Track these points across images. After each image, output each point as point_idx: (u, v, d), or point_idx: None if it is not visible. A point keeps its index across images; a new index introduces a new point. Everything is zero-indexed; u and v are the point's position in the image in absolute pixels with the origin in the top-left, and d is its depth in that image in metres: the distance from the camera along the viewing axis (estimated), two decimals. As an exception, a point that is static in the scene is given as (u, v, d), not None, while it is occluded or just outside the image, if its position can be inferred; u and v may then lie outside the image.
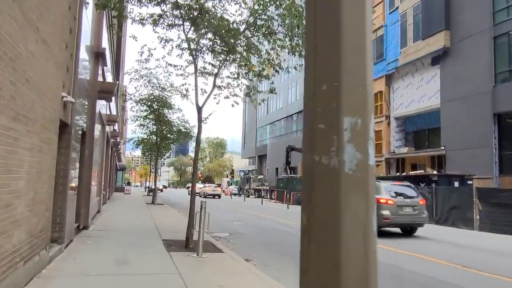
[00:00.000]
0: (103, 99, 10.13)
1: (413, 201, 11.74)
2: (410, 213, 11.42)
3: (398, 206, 11.22)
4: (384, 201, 11.21)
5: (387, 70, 27.77)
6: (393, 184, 12.97)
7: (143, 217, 13.34)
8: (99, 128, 12.01)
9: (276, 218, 16.07)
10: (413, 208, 11.53)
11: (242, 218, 15.89)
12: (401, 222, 11.37)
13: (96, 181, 12.95)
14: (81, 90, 7.58)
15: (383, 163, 27.50)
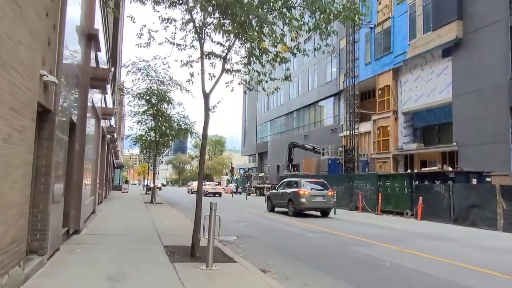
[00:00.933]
0: (96, 88, 9.06)
1: (323, 192, 16.43)
2: (320, 201, 16.16)
3: (311, 196, 15.87)
4: (302, 192, 15.93)
5: (394, 64, 26.73)
6: (310, 181, 17.77)
7: (142, 218, 12.30)
8: (92, 121, 10.94)
9: (283, 219, 15.05)
10: (323, 197, 16.24)
11: (247, 218, 14.87)
12: (314, 206, 16.12)
13: (90, 179, 11.90)
14: (69, 74, 6.52)
15: (390, 159, 26.51)
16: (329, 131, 35.71)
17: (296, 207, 15.90)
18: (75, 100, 7.39)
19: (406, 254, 7.63)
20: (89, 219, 11.24)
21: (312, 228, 11.98)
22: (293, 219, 14.63)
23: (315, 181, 18.06)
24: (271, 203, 18.72)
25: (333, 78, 35.83)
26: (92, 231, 8.84)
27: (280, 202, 17.61)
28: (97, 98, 12.00)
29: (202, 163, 6.63)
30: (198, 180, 6.66)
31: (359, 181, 21.86)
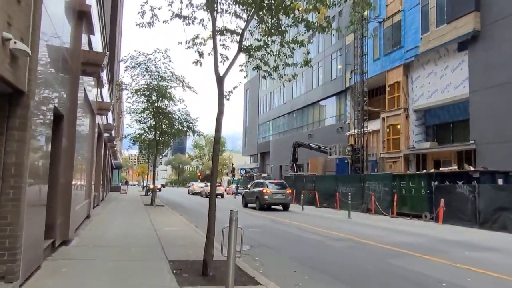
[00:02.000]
0: (89, 75, 7.85)
1: (282, 191, 20.24)
2: (280, 197, 19.91)
3: (273, 193, 19.64)
4: (265, 191, 19.75)
5: (405, 59, 25.57)
6: (272, 182, 21.70)
7: (142, 224, 11.09)
8: (85, 114, 9.74)
9: (295, 222, 13.86)
10: (282, 194, 19.99)
11: (257, 223, 13.66)
12: (274, 202, 19.83)
13: (84, 181, 10.70)
14: (53, 54, 5.32)
15: (401, 159, 25.34)
16: (335, 130, 34.53)
17: (261, 202, 19.82)
18: (62, 86, 6.18)
19: (460, 270, 6.41)
20: (82, 225, 10.03)
21: (331, 234, 10.78)
22: (312, 225, 13.42)
23: (276, 182, 22.56)
24: (245, 200, 22.63)
25: (339, 75, 34.66)
26: (84, 241, 7.62)
27: (250, 199, 21.38)
28: (92, 91, 10.80)
29: (215, 162, 5.43)
30: (212, 182, 5.46)
31: (371, 181, 20.68)
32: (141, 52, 19.23)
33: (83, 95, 8.21)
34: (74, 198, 7.52)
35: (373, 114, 28.26)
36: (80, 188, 9.67)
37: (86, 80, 8.70)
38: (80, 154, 8.84)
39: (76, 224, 8.42)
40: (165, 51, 19.21)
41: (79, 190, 9.34)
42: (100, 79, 11.92)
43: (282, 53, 7.74)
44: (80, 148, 8.59)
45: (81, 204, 9.51)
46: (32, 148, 4.22)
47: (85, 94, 8.74)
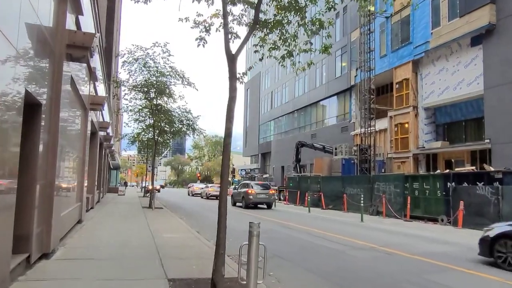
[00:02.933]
0: (77, 60, 6.81)
1: (266, 191, 22.10)
2: (263, 197, 21.73)
3: (257, 193, 21.41)
4: (250, 191, 21.63)
5: (414, 55, 24.56)
6: (257, 183, 24.17)
7: (138, 230, 10.03)
8: (75, 108, 8.70)
9: (304, 227, 12.82)
10: (265, 194, 21.84)
11: (264, 228, 12.57)
12: (259, 201, 21.65)
13: (75, 182, 9.65)
14: (26, 29, 4.28)
15: (410, 159, 24.31)
16: (339, 130, 33.51)
17: (246, 202, 21.75)
18: (40, 70, 5.14)
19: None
20: (72, 231, 8.98)
21: (348, 241, 9.74)
22: (325, 230, 12.38)
23: (261, 183, 24.86)
24: (233, 199, 24.33)
25: (343, 73, 33.65)
26: (70, 253, 6.57)
27: (238, 198, 23.25)
28: (84, 84, 9.76)
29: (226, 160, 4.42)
30: (222, 184, 4.43)
31: (381, 182, 19.65)
32: (139, 46, 18.19)
33: (70, 84, 7.16)
34: (58, 202, 6.47)
35: (380, 112, 27.25)
36: (69, 190, 8.62)
37: (75, 68, 7.66)
38: (67, 152, 7.79)
39: (62, 232, 7.37)
40: (165, 45, 18.20)
41: (67, 193, 8.29)
42: (93, 72, 10.90)
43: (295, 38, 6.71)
44: (67, 145, 7.54)
45: (69, 208, 8.45)
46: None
47: (74, 84, 7.69)
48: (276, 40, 5.90)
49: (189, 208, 21.74)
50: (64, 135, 6.82)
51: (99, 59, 14.96)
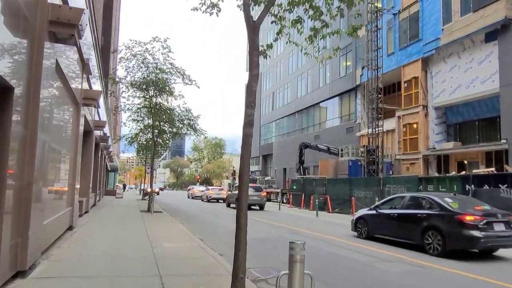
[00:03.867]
0: (62, 42, 5.82)
1: (258, 193, 23.32)
2: (256, 199, 22.75)
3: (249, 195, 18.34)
4: None
5: (423, 52, 23.63)
6: (250, 186, 20.73)
7: (136, 238, 9.01)
8: (63, 100, 7.70)
9: (317, 233, 11.81)
10: (257, 196, 23.04)
11: (272, 235, 11.60)
12: (251, 203, 21.52)
13: (65, 185, 8.64)
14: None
15: (420, 160, 23.34)
16: (344, 130, 32.54)
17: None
18: (13, 48, 4.15)
19: None
20: (60, 240, 7.97)
21: (371, 251, 8.73)
22: (337, 236, 11.37)
23: (254, 185, 25.28)
24: (228, 201, 25.93)
25: (348, 72, 32.72)
26: (52, 268, 5.55)
27: (232, 200, 24.25)
28: (75, 75, 8.77)
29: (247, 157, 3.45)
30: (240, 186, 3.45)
31: (392, 185, 18.68)
32: (137, 41, 17.21)
33: (56, 69, 6.16)
34: (39, 208, 5.47)
35: (386, 113, 26.29)
36: (56, 193, 7.61)
37: (61, 51, 6.67)
38: (53, 150, 6.78)
39: (45, 243, 6.36)
40: (165, 40, 17.23)
41: (54, 196, 7.29)
42: (87, 63, 9.90)
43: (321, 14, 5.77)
44: (52, 142, 6.54)
45: (57, 214, 7.44)
46: None
47: (60, 71, 6.69)
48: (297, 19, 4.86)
49: (190, 212, 20.72)
50: (47, 130, 5.82)
51: (94, 56, 13.99)
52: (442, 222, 8.49)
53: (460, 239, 8.08)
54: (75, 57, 8.60)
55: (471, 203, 9.50)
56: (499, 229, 8.22)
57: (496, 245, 8.44)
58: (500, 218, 8.48)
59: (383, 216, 10.36)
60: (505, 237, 8.25)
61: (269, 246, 9.34)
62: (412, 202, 9.88)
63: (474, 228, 7.94)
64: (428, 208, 9.17)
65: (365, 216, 11.07)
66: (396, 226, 9.84)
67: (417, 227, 8.99)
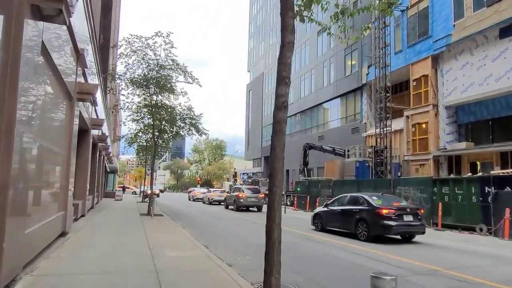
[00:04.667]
0: (48, 20, 4.99)
1: (255, 195, 23.44)
2: (253, 200, 23.19)
3: (247, 197, 23.00)
4: (241, 195, 23.03)
5: (434, 50, 22.82)
6: (248, 187, 25.13)
7: (135, 245, 8.16)
8: (54, 91, 6.87)
9: (332, 240, 10.95)
10: (255, 198, 23.20)
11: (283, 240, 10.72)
12: (249, 204, 23.12)
13: (54, 186, 7.80)
14: None
15: (430, 161, 22.49)
16: (349, 131, 31.71)
17: (237, 205, 23.08)
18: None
19: None
20: (50, 248, 7.12)
21: (398, 261, 7.88)
22: (354, 243, 10.52)
23: (251, 187, 25.92)
24: (226, 202, 25.82)
25: (353, 71, 31.91)
26: (34, 286, 4.69)
27: (230, 202, 24.64)
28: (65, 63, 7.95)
29: (280, 147, 2.85)
30: (271, 188, 2.69)
31: (404, 187, 17.86)
32: (138, 36, 16.39)
33: (41, 52, 5.33)
34: (19, 214, 4.62)
35: (395, 112, 25.49)
36: (44, 197, 6.77)
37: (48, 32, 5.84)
38: (40, 147, 5.94)
39: (28, 255, 5.51)
40: (167, 35, 16.43)
41: (41, 200, 6.44)
42: (81, 54, 9.09)
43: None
44: (38, 138, 5.70)
45: (44, 220, 6.59)
46: None
47: (47, 54, 5.86)
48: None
49: (191, 215, 19.85)
50: (30, 122, 4.97)
51: (92, 51, 13.19)
52: (368, 215, 10.95)
53: (379, 227, 10.59)
54: (68, 45, 7.79)
55: (392, 200, 11.84)
56: (408, 219, 10.81)
57: (405, 232, 10.95)
58: (409, 211, 10.99)
59: (332, 212, 12.73)
60: (413, 225, 10.88)
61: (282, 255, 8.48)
62: (351, 200, 12.26)
63: (389, 219, 10.50)
64: (360, 204, 11.61)
65: (320, 212, 13.49)
66: (339, 219, 12.30)
67: (352, 219, 11.46)
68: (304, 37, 41.41)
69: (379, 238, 10.66)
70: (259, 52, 58.02)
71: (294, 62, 43.77)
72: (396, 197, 13.44)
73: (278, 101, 2.71)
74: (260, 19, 58.64)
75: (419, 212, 11.17)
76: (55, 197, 7.93)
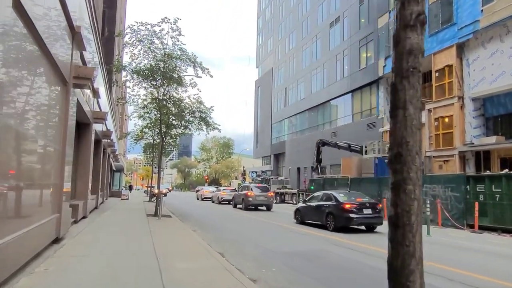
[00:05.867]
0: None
1: (265, 193, 22.71)
2: (262, 199, 22.38)
3: (256, 196, 22.28)
4: (250, 193, 22.46)
5: (459, 38, 21.29)
6: (256, 186, 24.40)
7: (139, 256, 6.94)
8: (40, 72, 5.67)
9: (362, 244, 9.64)
10: (264, 196, 22.45)
11: (309, 247, 9.47)
12: (257, 203, 22.34)
13: (42, 185, 6.61)
14: None
15: (455, 157, 21.00)
16: (365, 126, 30.26)
17: (245, 204, 22.43)
18: None
19: None
20: (38, 259, 5.94)
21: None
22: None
23: (260, 185, 25.06)
24: (234, 202, 25.11)
25: (369, 63, 30.42)
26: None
27: (238, 200, 23.90)
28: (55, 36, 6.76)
29: (413, 85, 1.32)
30: (397, 183, 1.40)
31: (430, 185, 16.44)
32: (143, 23, 15.18)
33: (16, 12, 4.10)
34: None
35: (415, 105, 23.98)
36: (29, 198, 5.57)
37: None
38: (21, 135, 4.73)
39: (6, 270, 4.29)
40: (175, 22, 15.21)
41: (24, 202, 5.24)
42: (77, 31, 7.89)
43: None
44: (18, 123, 4.48)
45: (29, 227, 5.39)
46: None
47: (30, 24, 4.63)
48: None
49: (201, 216, 18.64)
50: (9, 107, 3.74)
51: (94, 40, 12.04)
52: (334, 209, 12.73)
53: (342, 219, 12.33)
54: (59, 19, 6.58)
55: (356, 196, 13.59)
56: (367, 212, 12.48)
57: (364, 223, 12.72)
58: (368, 206, 12.65)
59: (309, 207, 14.54)
60: (371, 217, 12.55)
61: (300, 263, 7.19)
62: (324, 197, 14.01)
63: (350, 212, 12.20)
64: (330, 200, 13.35)
65: (300, 208, 15.33)
66: (314, 213, 14.04)
67: (323, 213, 13.23)
68: (315, 30, 39.95)
69: (346, 229, 12.39)
70: (268, 48, 56.66)
71: (306, 56, 42.35)
72: (361, 194, 14.64)
73: (406, 14, 1.48)
74: (268, 13, 57.23)
75: (377, 206, 12.92)
76: (45, 198, 6.74)
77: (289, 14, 48.07)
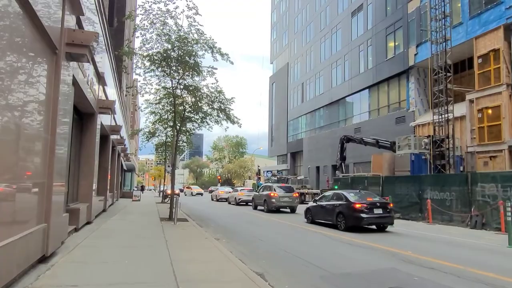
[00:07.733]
0: None
1: (289, 194, 21.04)
2: (287, 201, 20.73)
3: (280, 197, 20.64)
4: (273, 194, 20.69)
5: (506, 18, 18.94)
6: (280, 186, 22.75)
7: (151, 274, 4.98)
8: (23, 37, 3.72)
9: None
10: (289, 197, 20.84)
11: (375, 266, 7.41)
12: (281, 205, 20.68)
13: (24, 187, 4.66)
14: None
15: (504, 153, 18.66)
16: (393, 121, 27.96)
17: (268, 206, 20.59)
18: None
19: None
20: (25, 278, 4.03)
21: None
22: (464, 266, 7.09)
23: (284, 185, 23.31)
24: (254, 203, 23.25)
25: (397, 52, 28.08)
26: None
27: (259, 202, 22.23)
28: None
29: None
30: None
31: (487, 184, 14.16)
32: (156, 1, 13.27)
33: None
34: None
35: (453, 97, 21.64)
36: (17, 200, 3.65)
37: None
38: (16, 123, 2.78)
39: None
40: (190, 0, 13.29)
41: None
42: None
43: None
44: None
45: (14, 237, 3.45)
46: None
47: None
48: None
49: (221, 220, 16.68)
50: None
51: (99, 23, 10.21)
52: (345, 209, 12.70)
53: (353, 218, 12.31)
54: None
55: (366, 196, 13.46)
56: (378, 212, 12.41)
57: (375, 223, 12.71)
58: (379, 205, 12.55)
59: (319, 207, 14.50)
60: (382, 217, 12.52)
61: (349, 280, 5.18)
62: (334, 196, 13.94)
63: (361, 212, 12.21)
64: (340, 199, 13.27)
65: (310, 207, 15.29)
66: (324, 212, 13.94)
67: (333, 212, 13.21)
68: (336, 20, 37.71)
69: (357, 228, 12.31)
70: (283, 42, 54.55)
71: (325, 49, 40.15)
72: (371, 193, 14.63)
73: None
74: (283, 6, 55.12)
75: (388, 206, 12.79)
76: (23, 203, 4.82)
77: (306, 6, 45.89)
